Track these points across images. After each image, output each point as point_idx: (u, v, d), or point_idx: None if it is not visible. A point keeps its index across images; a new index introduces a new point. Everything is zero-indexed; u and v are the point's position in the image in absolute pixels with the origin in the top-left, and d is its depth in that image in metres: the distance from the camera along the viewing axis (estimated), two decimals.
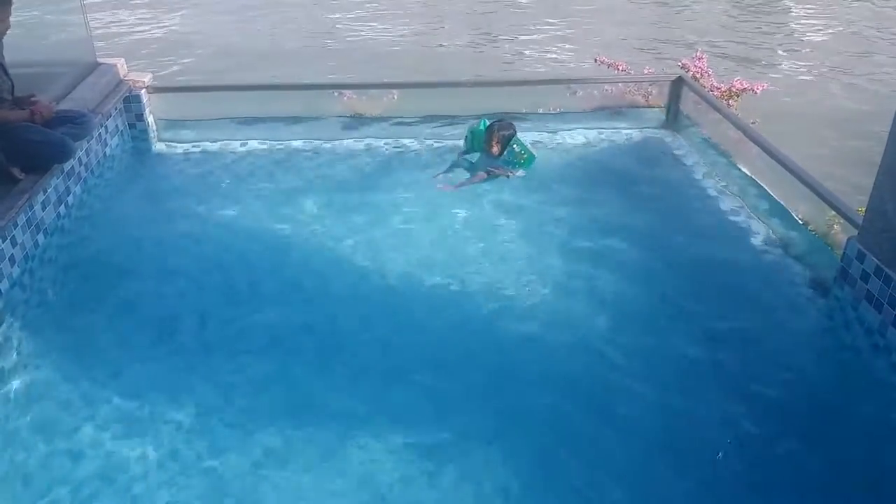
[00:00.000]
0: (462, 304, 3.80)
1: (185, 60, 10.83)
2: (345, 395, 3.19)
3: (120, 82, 5.58)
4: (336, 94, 5.96)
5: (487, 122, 5.21)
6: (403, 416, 3.08)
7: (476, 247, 4.26)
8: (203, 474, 2.81)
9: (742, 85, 6.58)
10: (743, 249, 4.32)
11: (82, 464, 2.85)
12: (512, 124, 5.19)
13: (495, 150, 5.10)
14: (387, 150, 5.56)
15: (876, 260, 3.48)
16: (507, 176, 5.04)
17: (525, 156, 5.10)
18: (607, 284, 3.94)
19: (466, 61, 10.83)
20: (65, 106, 4.81)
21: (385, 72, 9.26)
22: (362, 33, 12.40)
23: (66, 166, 4.51)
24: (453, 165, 5.21)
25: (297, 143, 5.61)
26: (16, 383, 3.23)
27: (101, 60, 5.63)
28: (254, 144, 5.61)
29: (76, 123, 4.47)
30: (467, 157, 5.25)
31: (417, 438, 2.96)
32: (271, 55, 10.98)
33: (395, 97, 5.93)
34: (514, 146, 5.08)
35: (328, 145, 5.60)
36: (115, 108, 5.39)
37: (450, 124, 5.81)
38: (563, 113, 5.98)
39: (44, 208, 4.22)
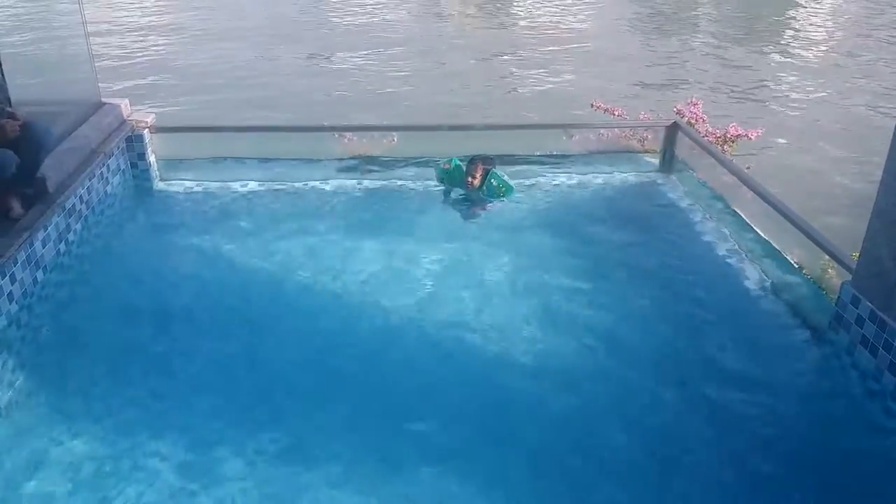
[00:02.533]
0: (454, 346, 3.80)
1: None
2: (337, 438, 3.17)
3: (123, 122, 5.66)
4: (336, 136, 6.05)
5: (458, 161, 5.46)
6: (394, 459, 3.06)
7: (469, 287, 4.28)
8: None
9: (737, 131, 6.69)
10: (737, 293, 4.34)
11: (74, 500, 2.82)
12: (491, 158, 5.45)
13: (476, 183, 5.33)
14: (385, 191, 5.62)
15: (870, 304, 3.50)
16: (484, 209, 5.28)
17: (503, 188, 5.35)
18: (601, 326, 3.95)
19: None
20: (68, 145, 4.88)
21: None
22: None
23: (68, 204, 4.55)
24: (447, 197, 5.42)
25: (297, 184, 5.66)
26: (8, 420, 3.21)
27: (105, 100, 5.71)
28: (254, 185, 5.66)
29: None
30: (452, 193, 5.47)
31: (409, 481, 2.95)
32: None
33: (395, 140, 6.01)
34: (492, 180, 5.35)
35: (327, 186, 5.65)
36: (118, 148, 5.45)
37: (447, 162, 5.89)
38: (559, 156, 6.07)
39: (44, 245, 4.24)
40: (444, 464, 3.03)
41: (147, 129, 5.69)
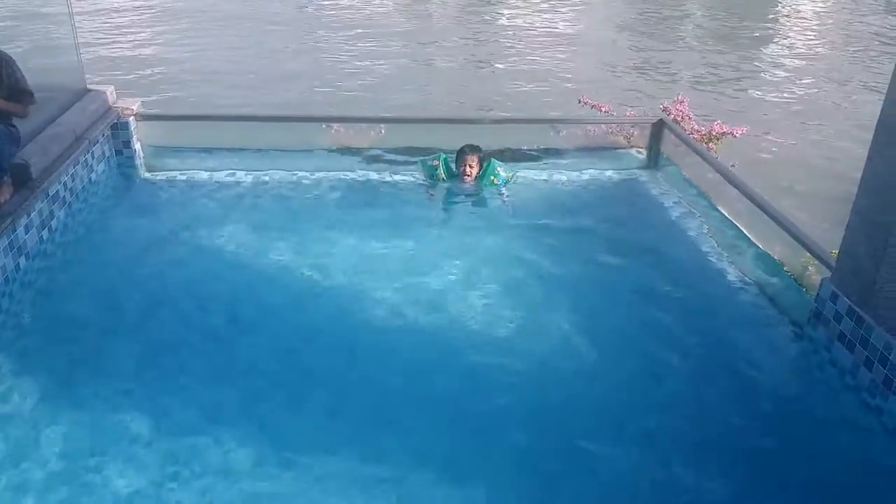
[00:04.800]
0: (438, 336, 3.82)
1: None
2: (323, 432, 3.17)
3: (108, 109, 5.62)
4: (324, 126, 6.04)
5: (444, 156, 5.47)
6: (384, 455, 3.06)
7: (453, 280, 4.29)
8: None
9: (721, 129, 6.74)
10: (719, 289, 4.39)
11: (54, 491, 2.81)
12: (479, 148, 5.43)
13: (474, 174, 5.33)
14: (373, 183, 5.62)
15: (848, 301, 3.56)
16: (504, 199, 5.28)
17: (511, 174, 5.42)
18: (583, 320, 3.98)
19: None
20: (52, 131, 4.85)
21: None
22: None
23: (51, 190, 4.52)
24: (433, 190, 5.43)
25: (283, 174, 5.65)
26: None
27: (90, 87, 5.67)
28: (240, 174, 5.64)
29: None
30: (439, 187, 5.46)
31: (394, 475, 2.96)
32: None
33: (383, 131, 6.01)
34: (499, 168, 5.38)
35: (315, 177, 5.64)
36: (103, 135, 5.42)
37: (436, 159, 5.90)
38: (546, 151, 6.09)
39: (27, 231, 4.22)
40: (434, 461, 3.03)
41: (133, 117, 5.66)
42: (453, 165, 5.48)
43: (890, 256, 3.27)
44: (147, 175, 5.70)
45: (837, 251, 3.72)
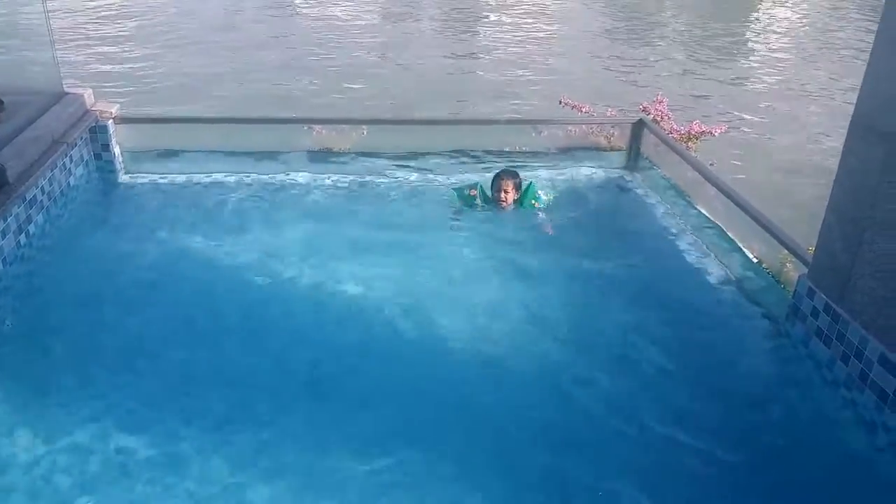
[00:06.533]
0: (419, 336, 3.83)
1: None
2: (305, 436, 3.17)
3: (86, 112, 5.57)
4: (306, 128, 6.03)
5: (481, 185, 5.20)
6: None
7: (433, 279, 4.30)
8: None
9: (700, 128, 6.81)
10: (698, 287, 4.44)
11: (34, 499, 2.79)
12: (516, 172, 5.21)
13: (511, 198, 5.08)
14: (355, 185, 5.62)
15: (825, 297, 3.61)
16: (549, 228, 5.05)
17: (550, 196, 5.23)
18: (561, 318, 4.01)
19: None
20: (29, 135, 4.79)
21: None
22: None
23: (28, 194, 4.47)
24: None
25: (264, 177, 5.63)
26: None
27: (68, 90, 5.62)
28: (220, 177, 5.62)
29: None
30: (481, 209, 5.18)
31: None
32: None
33: (365, 133, 6.01)
34: (540, 192, 5.17)
35: (297, 179, 5.63)
36: (81, 138, 5.37)
37: (417, 160, 5.90)
38: (527, 153, 6.12)
39: (3, 236, 4.17)
40: (422, 460, 3.03)
41: (112, 120, 5.61)
42: (489, 192, 5.21)
43: (864, 252, 3.32)
44: (126, 178, 5.65)
45: (814, 248, 3.78)
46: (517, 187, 5.12)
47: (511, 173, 5.18)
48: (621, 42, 15.18)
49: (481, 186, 5.23)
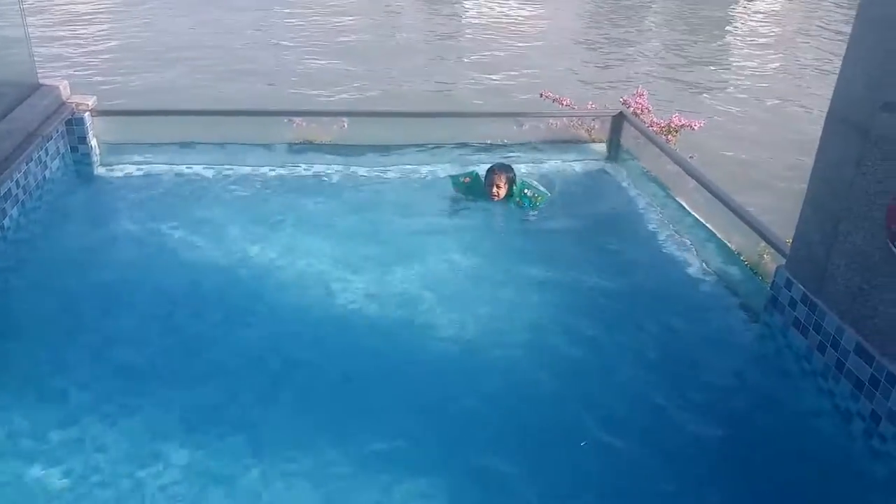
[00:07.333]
0: (404, 329, 3.84)
1: None
2: (292, 427, 3.16)
3: (62, 104, 5.49)
4: (286, 120, 5.98)
5: (477, 173, 5.19)
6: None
7: (415, 272, 4.30)
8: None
9: (680, 121, 6.85)
10: (678, 278, 4.47)
11: (11, 494, 2.76)
12: (510, 167, 5.20)
13: (502, 193, 5.07)
14: (335, 177, 5.59)
15: (802, 287, 3.66)
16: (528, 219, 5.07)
17: (539, 196, 5.13)
18: (542, 309, 4.03)
19: None
20: (3, 128, 4.71)
21: None
22: None
23: (3, 188, 4.40)
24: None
25: (244, 169, 5.59)
26: None
27: (43, 81, 5.53)
28: (199, 170, 5.56)
29: None
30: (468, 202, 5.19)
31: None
32: None
33: (346, 125, 5.98)
34: (526, 191, 5.11)
35: (276, 171, 5.60)
36: (57, 131, 5.29)
37: (397, 153, 5.89)
38: (509, 145, 6.13)
39: None
40: (412, 457, 3.04)
41: (88, 112, 5.53)
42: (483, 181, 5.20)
43: (840, 244, 3.37)
44: (103, 171, 5.58)
45: (792, 240, 3.82)
46: (510, 182, 5.12)
47: (505, 167, 5.18)
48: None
49: (476, 174, 5.24)
